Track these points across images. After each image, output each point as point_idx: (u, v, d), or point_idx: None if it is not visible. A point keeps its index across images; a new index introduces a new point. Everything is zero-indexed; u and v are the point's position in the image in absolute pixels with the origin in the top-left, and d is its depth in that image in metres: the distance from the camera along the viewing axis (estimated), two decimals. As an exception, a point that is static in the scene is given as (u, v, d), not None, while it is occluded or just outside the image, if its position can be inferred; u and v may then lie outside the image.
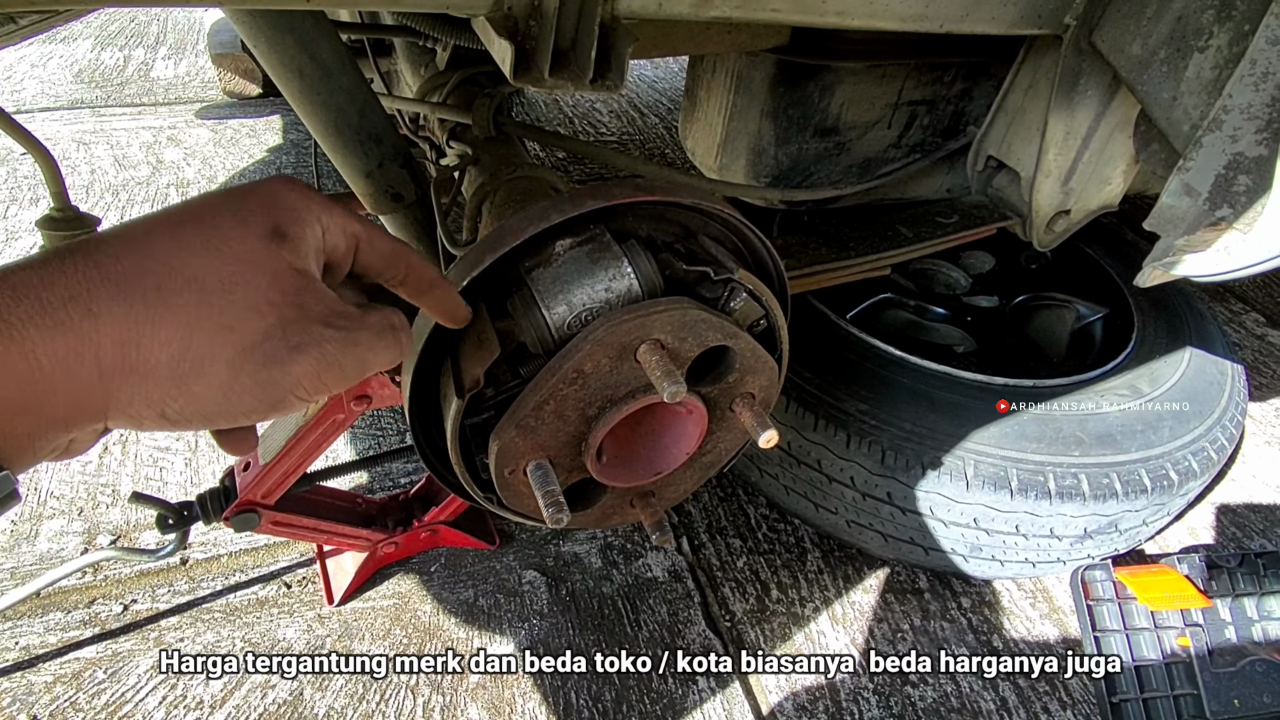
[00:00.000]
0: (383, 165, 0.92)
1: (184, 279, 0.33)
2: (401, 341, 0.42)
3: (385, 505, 1.20)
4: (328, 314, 0.37)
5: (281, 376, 0.35)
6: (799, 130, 1.15)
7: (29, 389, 0.30)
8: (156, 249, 0.34)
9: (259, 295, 0.35)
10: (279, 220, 0.37)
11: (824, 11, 0.76)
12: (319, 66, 0.80)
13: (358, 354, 0.38)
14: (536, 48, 0.65)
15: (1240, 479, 1.50)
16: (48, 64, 2.95)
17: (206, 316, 0.33)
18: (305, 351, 0.36)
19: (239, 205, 0.37)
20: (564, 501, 0.57)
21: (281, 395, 0.36)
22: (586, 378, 0.56)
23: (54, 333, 0.30)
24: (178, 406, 0.34)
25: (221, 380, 0.34)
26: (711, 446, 0.70)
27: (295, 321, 0.36)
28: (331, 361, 0.37)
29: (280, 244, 0.36)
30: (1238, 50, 0.79)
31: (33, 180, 2.19)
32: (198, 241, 0.34)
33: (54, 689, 1.04)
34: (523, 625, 1.17)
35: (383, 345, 0.40)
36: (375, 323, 0.40)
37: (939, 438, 1.08)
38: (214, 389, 0.34)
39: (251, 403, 0.35)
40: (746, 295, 0.61)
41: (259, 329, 0.34)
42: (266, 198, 0.38)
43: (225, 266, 0.34)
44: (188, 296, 0.33)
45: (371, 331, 0.39)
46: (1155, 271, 0.89)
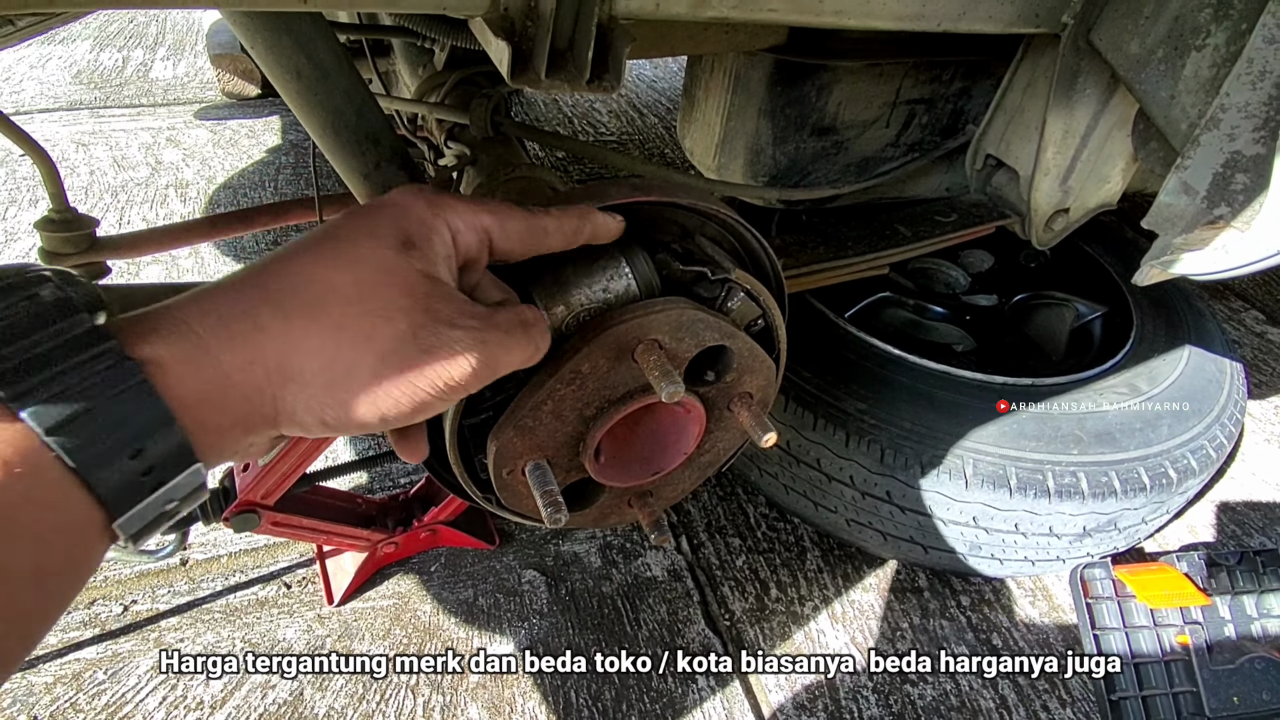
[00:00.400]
0: (380, 166, 0.92)
1: (326, 290, 0.36)
2: (534, 337, 0.44)
3: (385, 505, 1.20)
4: (456, 316, 0.39)
5: (417, 379, 0.38)
6: (797, 129, 1.15)
7: (216, 389, 0.33)
8: (305, 267, 0.37)
9: (391, 303, 0.37)
10: (408, 230, 0.39)
11: (821, 11, 0.76)
12: (316, 67, 0.80)
13: (488, 352, 0.40)
14: (533, 49, 0.65)
15: (1240, 477, 1.50)
16: (46, 65, 2.94)
17: (348, 326, 0.36)
18: (435, 354, 0.38)
19: (372, 220, 0.40)
20: (562, 501, 0.57)
21: (421, 397, 0.38)
22: (584, 378, 0.56)
23: (232, 344, 0.34)
24: (334, 413, 0.37)
25: (366, 386, 0.37)
26: (710, 446, 0.70)
27: (425, 326, 0.38)
28: (463, 362, 0.39)
29: (409, 253, 0.39)
30: (1235, 49, 0.79)
31: (32, 181, 2.19)
32: (336, 257, 0.38)
33: (54, 690, 1.05)
34: (522, 625, 1.17)
35: (514, 342, 0.42)
36: (504, 321, 0.42)
37: (938, 436, 1.08)
38: (361, 395, 0.37)
39: (396, 406, 0.38)
40: (743, 295, 0.61)
41: (393, 335, 0.37)
42: (397, 210, 0.40)
43: (361, 278, 0.37)
44: (331, 308, 0.36)
45: (501, 330, 0.41)
46: (1153, 270, 0.89)
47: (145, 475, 0.31)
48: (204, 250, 1.95)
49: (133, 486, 0.30)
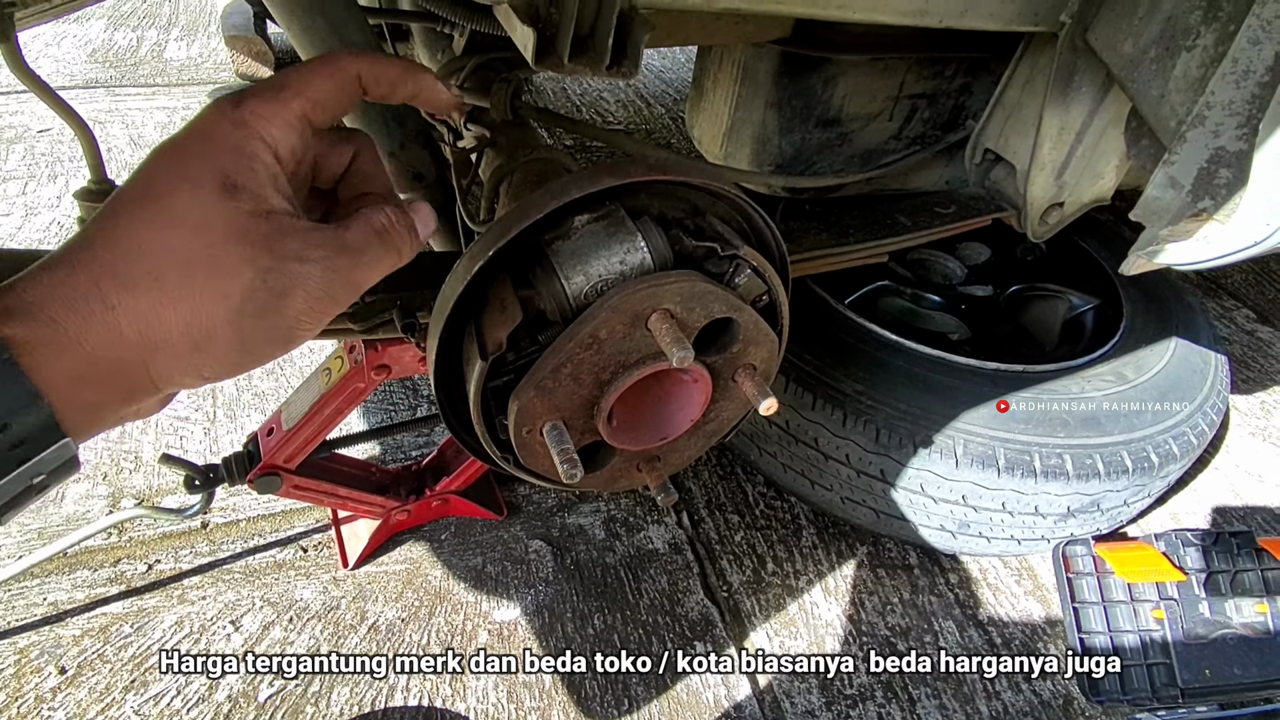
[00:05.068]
0: (405, 146, 0.96)
1: (161, 255, 0.35)
2: (394, 242, 0.43)
3: (399, 475, 1.25)
4: (303, 248, 0.38)
5: (279, 320, 0.38)
6: (802, 121, 1.18)
7: (85, 367, 0.34)
8: (134, 233, 0.36)
9: (232, 254, 0.36)
10: (224, 169, 0.37)
11: (827, 4, 0.80)
12: (348, 47, 0.84)
13: (345, 276, 0.40)
14: (557, 34, 0.69)
15: (1224, 467, 1.55)
16: (62, 43, 2.97)
17: (197, 288, 0.36)
18: (291, 294, 0.38)
19: (185, 164, 0.37)
20: (577, 459, 0.61)
21: (288, 334, 0.39)
22: (601, 343, 0.60)
23: (88, 324, 0.34)
24: (211, 369, 0.38)
25: (231, 338, 0.37)
26: (715, 415, 0.74)
27: (271, 269, 0.37)
28: (319, 292, 0.39)
29: (235, 196, 0.37)
30: (1222, 50, 0.83)
31: (49, 158, 2.23)
32: (162, 217, 0.36)
33: (82, 641, 1.10)
34: (528, 591, 1.22)
35: (372, 257, 0.41)
36: (357, 238, 0.41)
37: (931, 418, 1.13)
38: (229, 346, 0.37)
39: (267, 347, 0.39)
40: (750, 271, 0.65)
41: (243, 287, 0.36)
42: (207, 145, 0.38)
43: (194, 237, 0.36)
44: (171, 273, 0.35)
45: (352, 250, 0.40)
46: (1139, 260, 0.93)
47: (12, 449, 0.32)
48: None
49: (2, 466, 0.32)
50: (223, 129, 0.38)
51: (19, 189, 2.09)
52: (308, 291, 0.38)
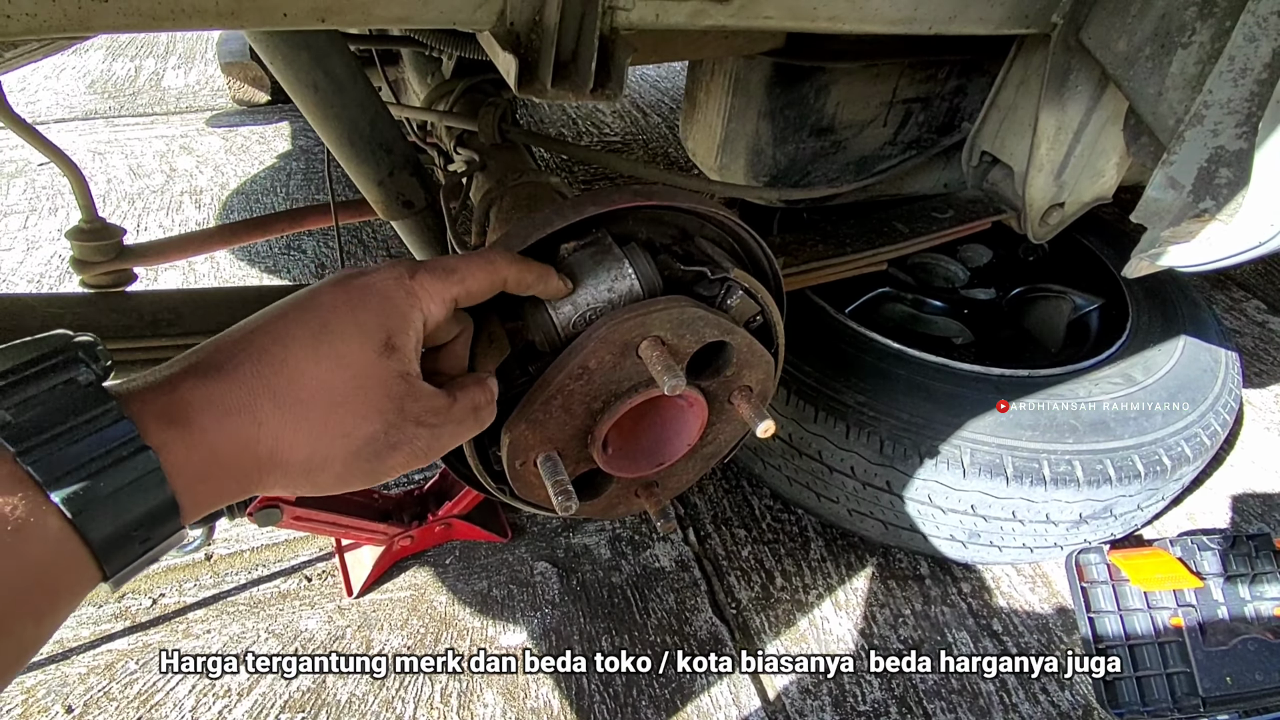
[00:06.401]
0: (394, 173, 0.95)
1: (318, 389, 0.41)
2: (482, 419, 0.50)
3: (401, 500, 1.24)
4: (423, 414, 0.45)
5: (379, 466, 0.45)
6: (796, 130, 1.18)
7: (212, 470, 0.39)
8: (303, 365, 0.42)
9: (371, 405, 0.43)
10: (390, 330, 0.44)
11: (815, 17, 0.79)
12: (332, 80, 0.84)
13: (441, 443, 0.48)
14: (539, 60, 0.68)
15: (1239, 464, 1.52)
16: (61, 75, 3.00)
17: (331, 424, 0.42)
18: (400, 448, 0.45)
19: (361, 315, 0.44)
20: (572, 490, 0.60)
21: (378, 477, 0.46)
22: (591, 373, 0.59)
23: (232, 437, 0.39)
24: (304, 487, 0.44)
25: (337, 473, 0.43)
26: (712, 438, 0.73)
27: (395, 425, 0.44)
28: (419, 452, 0.46)
29: (391, 356, 0.44)
30: (1218, 46, 0.82)
31: (50, 190, 2.25)
32: (331, 358, 0.42)
33: (88, 680, 1.09)
34: (535, 614, 1.21)
35: (464, 430, 0.49)
36: (460, 411, 0.48)
37: (936, 427, 1.11)
38: (332, 478, 0.44)
39: (359, 483, 0.46)
40: (742, 293, 0.64)
41: (368, 434, 0.43)
42: (382, 303, 0.45)
43: (348, 380, 0.42)
44: (319, 408, 0.41)
45: (454, 422, 0.48)
46: (1142, 262, 0.91)
47: (143, 544, 0.36)
48: (219, 254, 1.99)
49: (129, 551, 0.36)
50: (398, 294, 0.45)
51: (20, 223, 2.10)
52: (413, 450, 0.45)
